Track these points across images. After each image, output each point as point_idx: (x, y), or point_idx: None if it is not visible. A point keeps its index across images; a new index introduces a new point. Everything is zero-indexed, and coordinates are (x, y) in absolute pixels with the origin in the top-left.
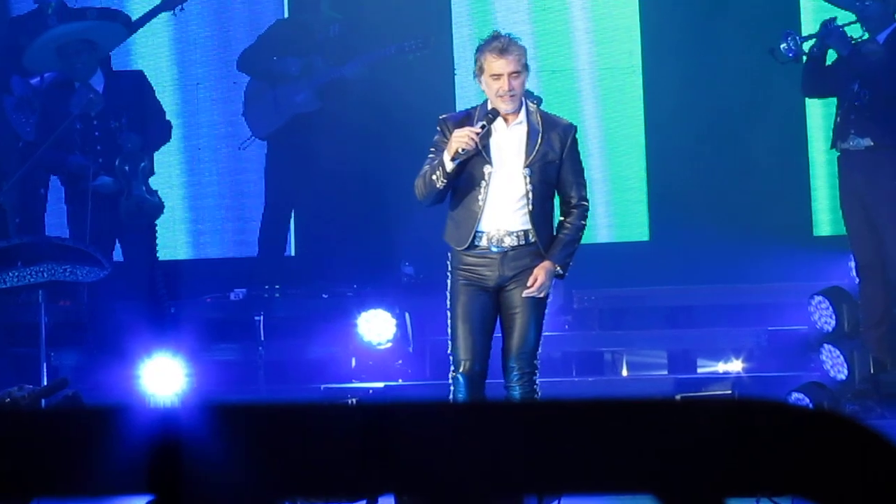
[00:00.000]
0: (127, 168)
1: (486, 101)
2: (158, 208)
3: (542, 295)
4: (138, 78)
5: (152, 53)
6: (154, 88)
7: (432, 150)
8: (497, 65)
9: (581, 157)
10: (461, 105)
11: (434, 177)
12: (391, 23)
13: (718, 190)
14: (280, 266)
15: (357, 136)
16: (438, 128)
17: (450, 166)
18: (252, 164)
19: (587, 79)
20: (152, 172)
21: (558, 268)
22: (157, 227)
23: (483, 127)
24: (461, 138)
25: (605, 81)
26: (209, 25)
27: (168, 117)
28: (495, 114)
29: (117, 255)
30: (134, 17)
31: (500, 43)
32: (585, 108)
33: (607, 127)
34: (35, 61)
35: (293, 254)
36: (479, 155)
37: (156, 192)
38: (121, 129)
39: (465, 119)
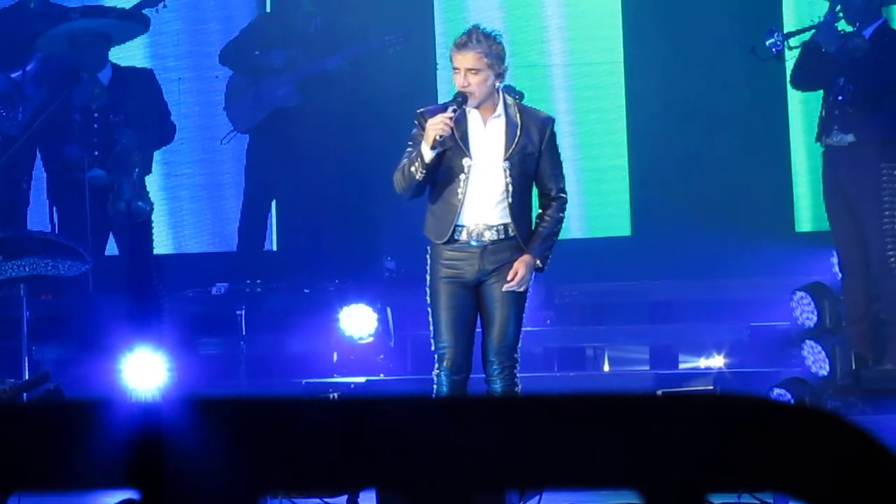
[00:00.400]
0: (119, 164)
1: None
2: (144, 211)
3: (522, 289)
4: (147, 76)
5: (129, 46)
6: (162, 88)
7: (410, 143)
8: (455, 58)
9: (559, 150)
10: (444, 99)
11: (413, 168)
12: (373, 17)
13: (700, 185)
14: (261, 260)
15: (338, 130)
16: (416, 121)
17: (428, 156)
18: (231, 157)
19: (568, 74)
20: (148, 171)
21: (538, 261)
22: (152, 222)
23: (455, 111)
24: (436, 125)
25: (586, 76)
26: (188, 20)
27: None
28: (463, 97)
29: (112, 248)
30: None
31: (462, 38)
32: (567, 103)
33: (588, 122)
34: (47, 47)
35: (274, 248)
36: (458, 148)
37: (147, 192)
38: (118, 125)
39: (442, 112)
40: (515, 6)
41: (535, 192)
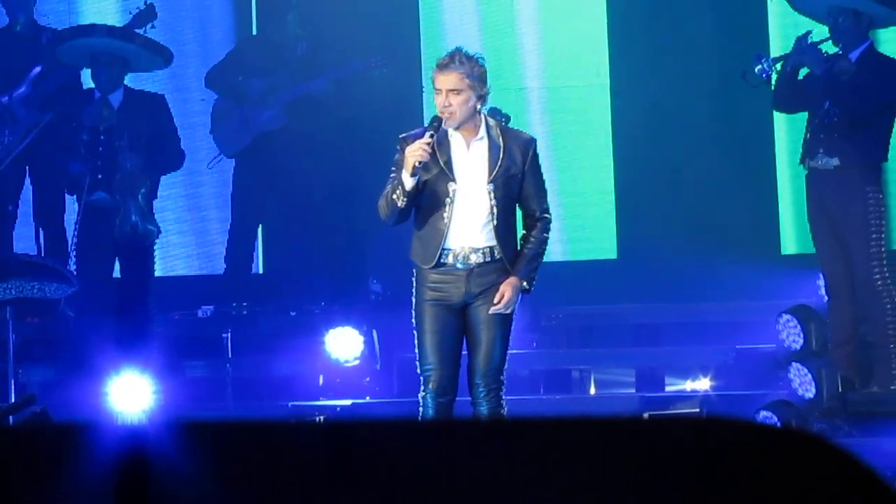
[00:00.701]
0: (123, 187)
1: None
2: (151, 234)
3: (509, 311)
4: (158, 101)
5: None
6: (173, 114)
7: (393, 168)
8: (437, 80)
9: (542, 171)
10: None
11: (395, 195)
12: (359, 40)
13: (686, 208)
14: (247, 283)
15: (324, 152)
16: (398, 147)
17: (409, 183)
18: (215, 179)
19: (555, 97)
20: (154, 195)
21: (524, 283)
22: (155, 247)
23: (432, 135)
24: (414, 152)
25: (572, 99)
26: (168, 42)
27: None
28: (439, 120)
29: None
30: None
31: (444, 59)
32: (553, 126)
33: (575, 145)
34: (68, 58)
35: (261, 271)
36: (443, 173)
37: (153, 215)
38: (122, 149)
39: (421, 138)
40: (501, 30)
41: (518, 213)
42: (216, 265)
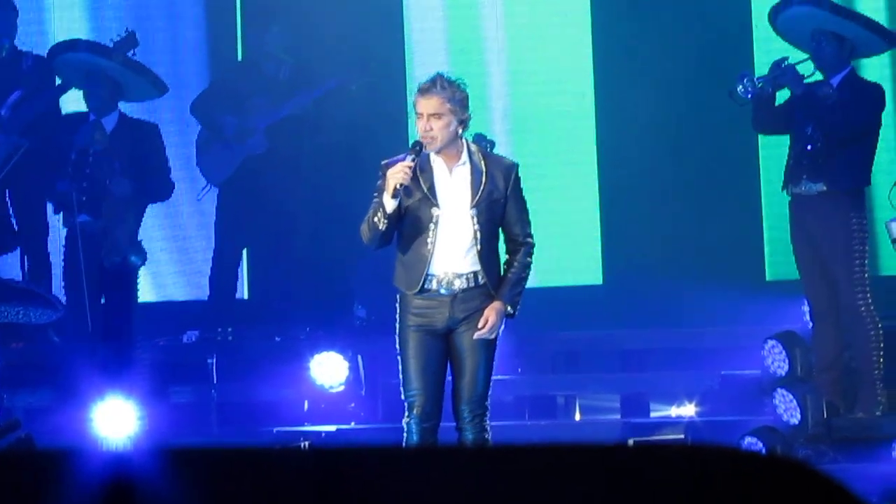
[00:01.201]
0: (112, 212)
1: (428, 154)
2: (137, 265)
3: (493, 336)
4: (151, 130)
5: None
6: (165, 145)
7: (375, 194)
8: (418, 104)
9: (524, 195)
10: None
11: (376, 219)
12: (343, 60)
13: (671, 234)
14: (232, 309)
15: (307, 176)
16: (381, 172)
17: (390, 205)
18: (199, 206)
19: (539, 121)
20: (139, 223)
21: (508, 307)
22: (139, 273)
23: (413, 159)
24: (396, 174)
25: (557, 123)
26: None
27: None
28: (419, 144)
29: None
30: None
31: (426, 83)
32: (538, 150)
33: (560, 170)
34: (63, 73)
35: (246, 296)
36: (426, 198)
37: (139, 243)
38: (113, 173)
39: (402, 162)
40: (486, 54)
41: (501, 238)
42: (200, 290)
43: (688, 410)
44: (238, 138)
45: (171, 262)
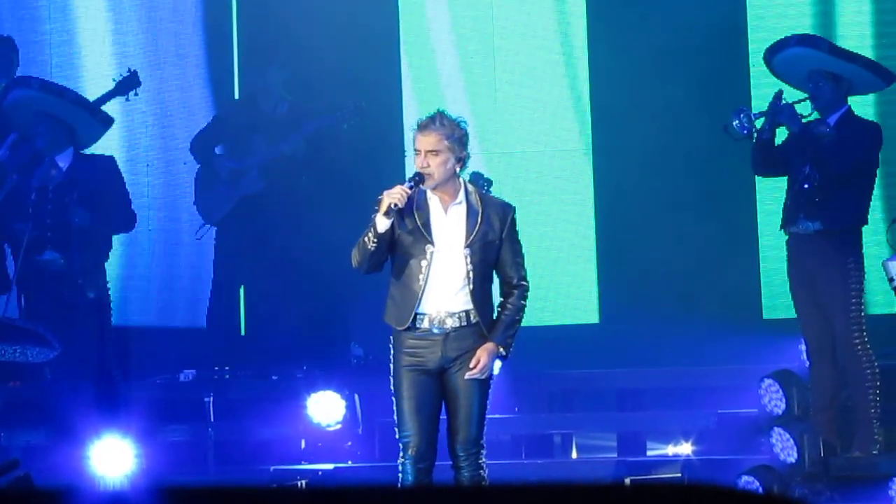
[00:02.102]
0: (77, 244)
1: (425, 191)
2: (105, 295)
3: (484, 376)
4: (108, 163)
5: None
6: (123, 178)
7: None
8: (417, 140)
9: (519, 238)
10: None
11: (366, 239)
12: (338, 101)
13: (668, 273)
14: (228, 347)
15: (303, 214)
16: (376, 206)
17: (382, 224)
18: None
19: (537, 161)
20: (106, 257)
21: (501, 349)
22: (111, 306)
23: (412, 187)
24: (392, 193)
25: (554, 163)
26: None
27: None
28: (419, 175)
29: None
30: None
31: (425, 120)
32: (535, 189)
33: (557, 209)
34: (16, 109)
35: (243, 334)
36: (420, 234)
37: (104, 274)
38: (72, 203)
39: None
40: (484, 94)
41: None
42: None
43: (684, 449)
44: (233, 178)
45: (164, 292)
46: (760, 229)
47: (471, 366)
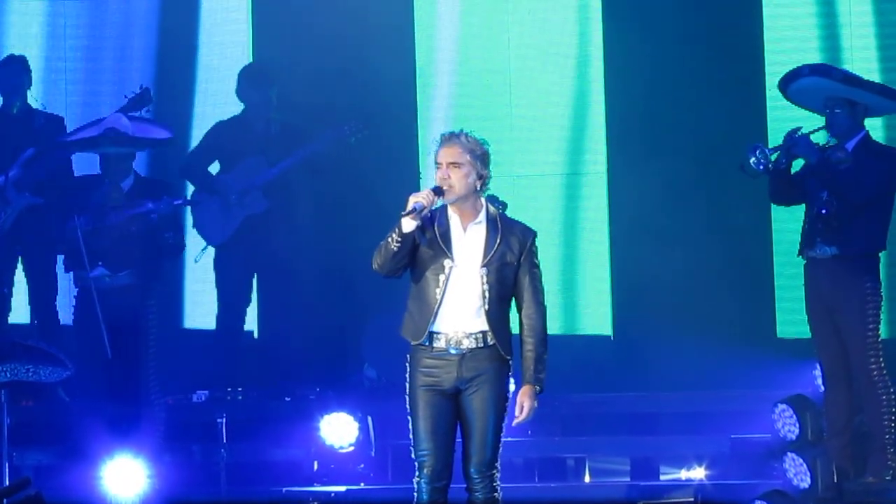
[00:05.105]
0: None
1: (445, 207)
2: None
3: (530, 418)
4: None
5: None
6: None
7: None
8: (438, 153)
9: (539, 264)
10: None
11: (390, 239)
12: (343, 115)
13: (681, 290)
14: (240, 368)
15: (312, 234)
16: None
17: (406, 225)
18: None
19: (550, 183)
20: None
21: (536, 387)
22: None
23: (436, 192)
24: (418, 194)
25: (569, 186)
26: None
27: None
28: (440, 190)
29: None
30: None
31: (448, 133)
32: (549, 212)
33: (570, 229)
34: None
35: (256, 352)
36: (439, 248)
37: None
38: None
39: (427, 221)
40: (498, 117)
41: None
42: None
43: (697, 474)
44: (237, 199)
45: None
46: (775, 249)
47: (515, 413)
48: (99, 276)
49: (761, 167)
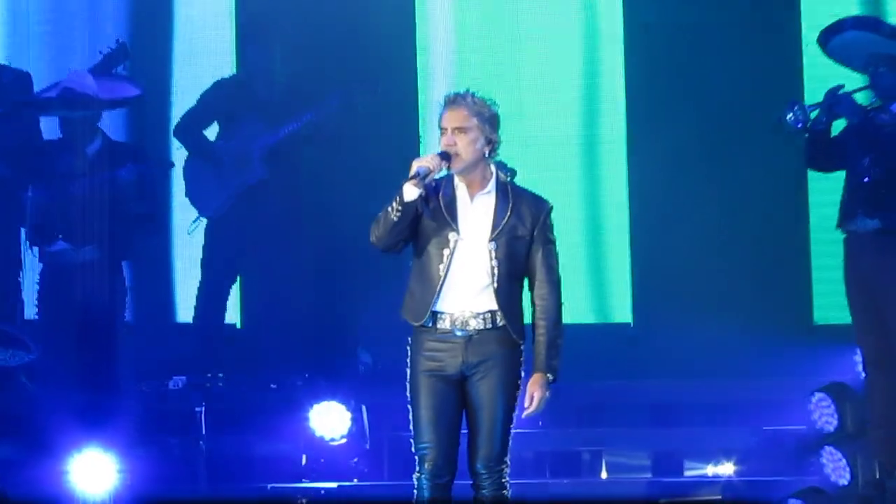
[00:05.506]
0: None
1: (451, 176)
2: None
3: (541, 409)
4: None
5: None
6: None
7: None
8: (443, 118)
9: (555, 239)
10: None
11: (390, 208)
12: (349, 77)
13: (708, 271)
14: (222, 351)
15: (308, 206)
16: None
17: (409, 192)
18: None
19: (564, 151)
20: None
21: (549, 375)
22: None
23: (441, 156)
24: (422, 159)
25: (584, 153)
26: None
27: None
28: (447, 155)
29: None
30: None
31: (452, 95)
32: (562, 180)
33: (585, 201)
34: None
35: (238, 337)
36: (444, 220)
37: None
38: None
39: (430, 190)
40: (507, 78)
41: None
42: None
43: (725, 469)
44: (233, 166)
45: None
46: (813, 225)
47: (525, 405)
48: (60, 251)
49: (799, 125)
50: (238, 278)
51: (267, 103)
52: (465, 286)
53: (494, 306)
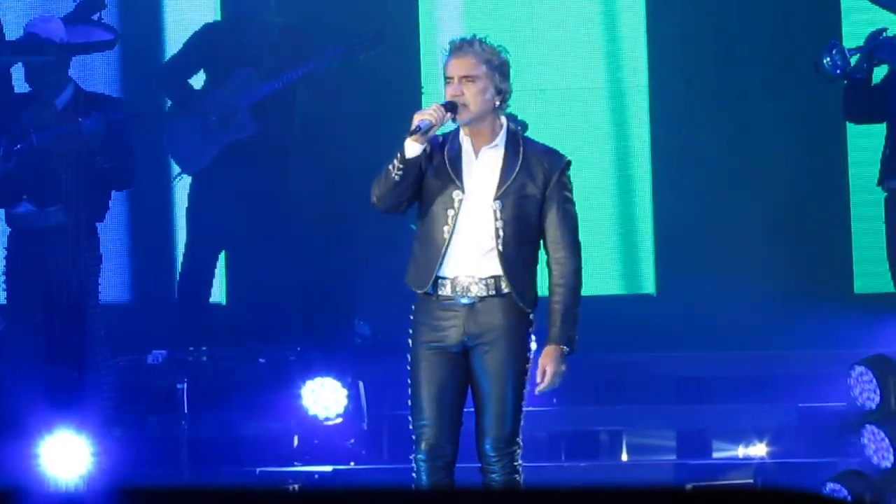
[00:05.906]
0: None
1: (458, 130)
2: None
3: (556, 385)
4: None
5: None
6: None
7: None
8: (448, 66)
9: (572, 199)
10: None
11: (391, 166)
12: (345, 25)
13: (738, 235)
14: (207, 322)
15: (302, 165)
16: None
17: (410, 148)
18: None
19: (580, 99)
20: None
21: (564, 347)
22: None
23: (446, 108)
24: (423, 111)
25: (602, 102)
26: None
27: None
28: (454, 105)
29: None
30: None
31: (458, 41)
32: (580, 131)
33: (603, 157)
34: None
35: (224, 307)
36: (448, 177)
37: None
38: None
39: (434, 145)
40: (516, 21)
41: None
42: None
43: (758, 450)
44: (220, 119)
45: (127, 261)
46: (852, 185)
47: (537, 380)
48: (25, 214)
49: (838, 70)
50: (224, 244)
51: (259, 52)
52: (470, 249)
53: (499, 271)
